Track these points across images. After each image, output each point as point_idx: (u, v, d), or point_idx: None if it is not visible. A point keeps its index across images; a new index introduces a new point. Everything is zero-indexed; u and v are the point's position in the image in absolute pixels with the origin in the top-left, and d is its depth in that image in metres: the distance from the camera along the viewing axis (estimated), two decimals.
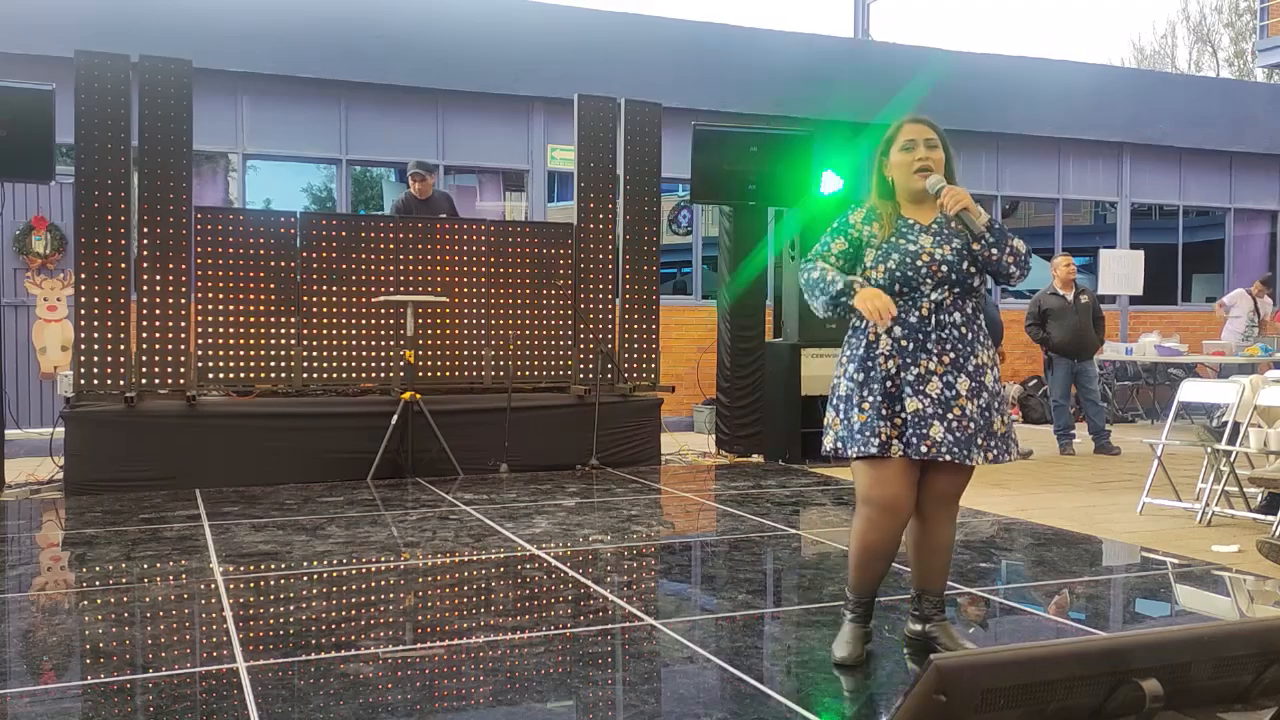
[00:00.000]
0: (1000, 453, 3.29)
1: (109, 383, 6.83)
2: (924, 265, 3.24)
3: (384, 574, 4.59)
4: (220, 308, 7.19)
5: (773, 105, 11.49)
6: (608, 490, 6.79)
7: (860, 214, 3.39)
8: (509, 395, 7.39)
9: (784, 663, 3.47)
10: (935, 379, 3.22)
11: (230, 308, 7.21)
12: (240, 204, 10.35)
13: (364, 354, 7.51)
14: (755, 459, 8.21)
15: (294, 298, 7.37)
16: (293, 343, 7.35)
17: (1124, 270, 12.31)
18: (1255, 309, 11.74)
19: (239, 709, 2.97)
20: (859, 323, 3.33)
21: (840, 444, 3.28)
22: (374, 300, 7.42)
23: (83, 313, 6.83)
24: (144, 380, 6.93)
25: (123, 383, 6.85)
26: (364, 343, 7.50)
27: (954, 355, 3.23)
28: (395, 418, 6.95)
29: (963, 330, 3.26)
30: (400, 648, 3.57)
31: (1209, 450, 5.95)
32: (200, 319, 7.16)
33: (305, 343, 7.38)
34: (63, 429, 6.69)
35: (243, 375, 7.25)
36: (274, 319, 7.31)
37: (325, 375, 7.42)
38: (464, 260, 7.78)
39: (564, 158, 10.75)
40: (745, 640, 3.69)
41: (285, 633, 3.71)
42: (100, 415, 6.73)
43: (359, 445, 7.00)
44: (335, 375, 7.44)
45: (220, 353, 7.19)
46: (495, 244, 7.89)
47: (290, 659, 3.43)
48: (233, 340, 7.21)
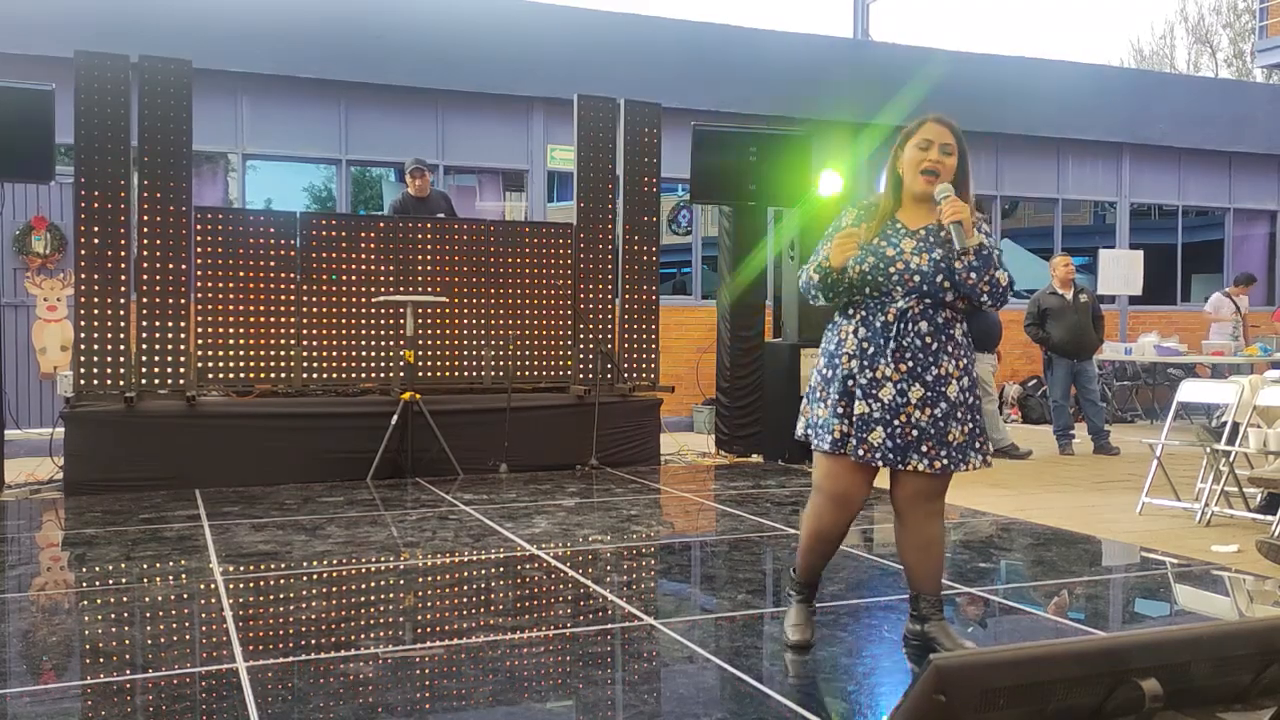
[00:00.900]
0: (954, 462, 3.32)
1: (109, 383, 6.83)
2: (896, 273, 3.26)
3: (384, 574, 4.59)
4: (220, 308, 7.19)
5: (772, 105, 11.49)
6: (607, 490, 6.79)
7: (852, 215, 3.42)
8: (509, 395, 7.39)
9: (784, 663, 3.47)
10: (889, 385, 3.26)
11: (230, 308, 7.21)
12: (240, 204, 10.34)
13: (364, 354, 7.51)
14: (755, 459, 8.21)
15: (294, 298, 7.37)
16: (292, 343, 7.35)
17: (1123, 270, 12.30)
18: (1237, 309, 11.74)
19: (238, 709, 2.97)
20: (837, 317, 3.41)
21: (810, 431, 3.43)
22: (374, 300, 7.42)
23: (82, 313, 6.83)
24: (144, 380, 6.92)
25: (122, 383, 6.85)
26: (364, 343, 7.50)
27: (912, 364, 3.26)
28: (395, 418, 6.95)
29: (927, 340, 3.27)
30: (400, 648, 3.57)
31: (1208, 450, 5.95)
32: (200, 319, 7.16)
33: (305, 343, 7.38)
34: (62, 429, 6.69)
35: (242, 375, 7.25)
36: (274, 319, 7.31)
37: (325, 375, 7.42)
38: (464, 260, 7.78)
39: (564, 158, 10.75)
40: (745, 640, 3.69)
41: (285, 633, 3.71)
42: (100, 415, 6.73)
43: (359, 445, 7.00)
44: (335, 375, 7.44)
45: (220, 353, 7.19)
46: (495, 244, 7.89)
47: (290, 659, 3.43)
48: (232, 340, 7.21)
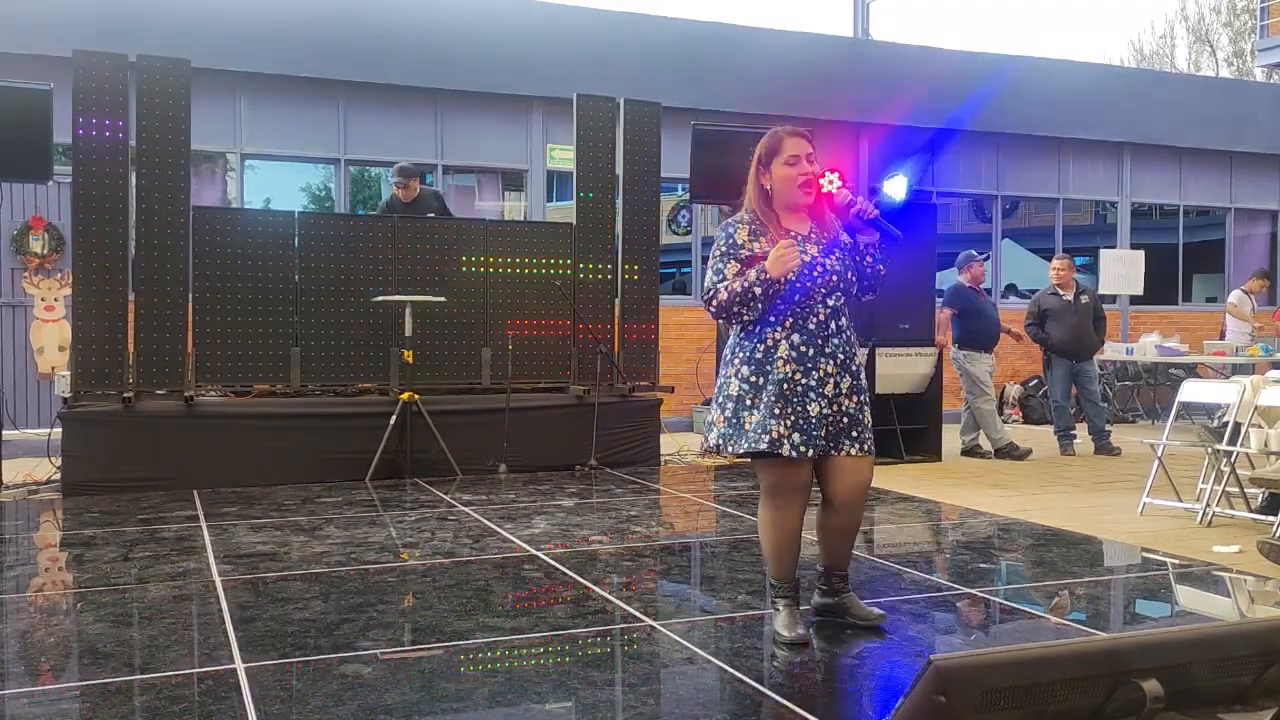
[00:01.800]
0: (867, 443, 3.57)
1: (106, 383, 6.82)
2: (819, 275, 3.47)
3: (382, 575, 4.58)
4: (218, 308, 7.18)
5: (772, 105, 11.46)
6: (607, 491, 6.78)
7: (744, 231, 3.54)
8: (508, 395, 7.38)
9: (784, 663, 3.46)
10: (831, 381, 3.48)
11: (228, 308, 7.20)
12: (239, 204, 10.33)
13: (362, 354, 7.49)
14: None
15: (292, 298, 7.36)
16: (291, 343, 7.34)
17: (1124, 270, 12.29)
18: (1253, 307, 11.73)
19: (237, 710, 2.96)
20: (753, 327, 3.49)
21: (722, 440, 3.50)
22: (372, 300, 7.41)
23: (80, 313, 6.82)
24: (141, 380, 6.91)
25: (120, 383, 6.84)
26: (362, 343, 7.49)
27: (843, 357, 3.51)
28: (394, 418, 6.94)
29: (847, 334, 3.56)
30: (399, 649, 3.56)
31: (1209, 451, 5.94)
32: (198, 319, 7.15)
33: (303, 343, 7.37)
34: (60, 429, 6.68)
35: (240, 375, 7.24)
36: (272, 319, 7.30)
37: (323, 376, 7.41)
38: (463, 260, 7.76)
39: (563, 157, 10.74)
40: (745, 641, 3.68)
41: (283, 633, 3.70)
42: (98, 416, 6.71)
43: (357, 446, 6.99)
44: (333, 375, 7.43)
45: (218, 353, 7.18)
46: (494, 244, 7.88)
47: (288, 660, 3.42)
48: (230, 340, 7.20)
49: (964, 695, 1.58)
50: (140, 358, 6.92)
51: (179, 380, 6.99)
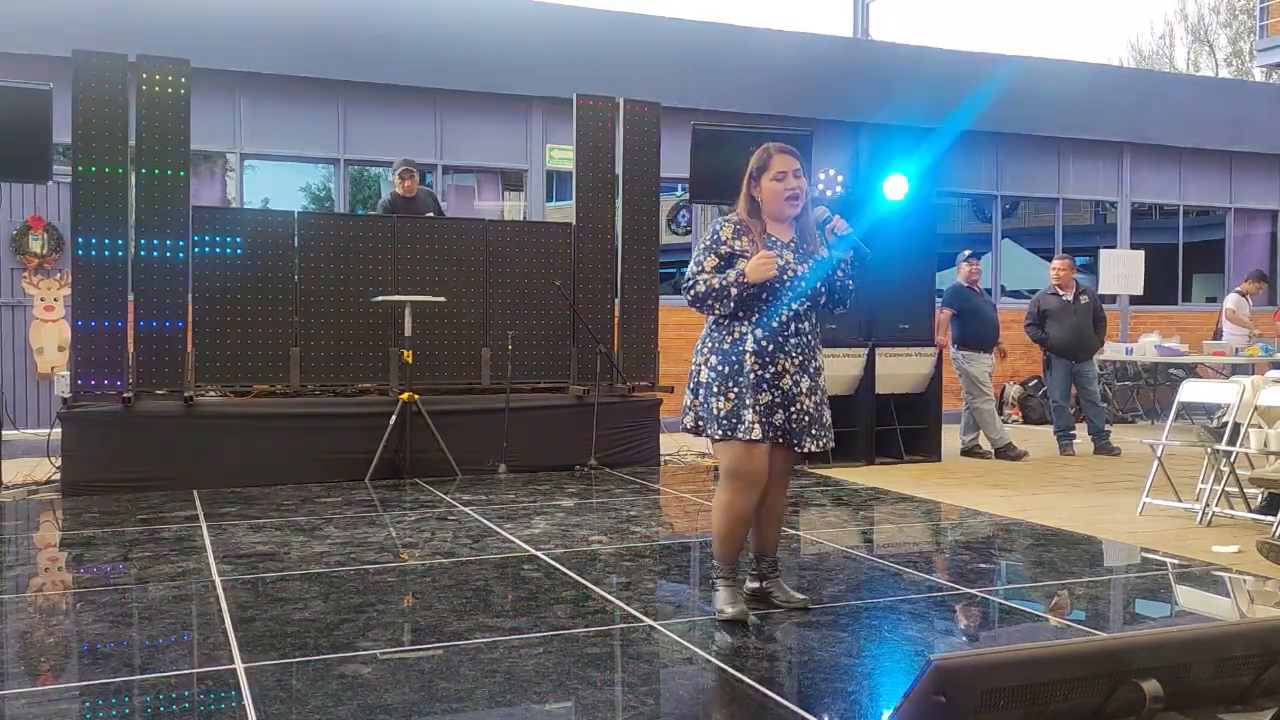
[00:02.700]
0: (826, 441, 3.88)
1: (106, 383, 6.81)
2: (789, 281, 3.76)
3: (382, 575, 4.58)
4: (218, 308, 7.18)
5: (772, 105, 11.47)
6: (607, 491, 6.78)
7: (729, 229, 3.84)
8: (508, 395, 7.38)
9: (783, 663, 3.46)
10: (787, 377, 3.77)
11: (228, 308, 7.20)
12: (238, 204, 10.33)
13: (362, 354, 7.49)
14: None
15: (291, 298, 7.36)
16: (290, 343, 7.34)
17: (1124, 270, 12.29)
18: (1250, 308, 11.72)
19: (237, 710, 2.96)
20: (724, 319, 3.80)
21: (701, 423, 3.82)
22: (372, 300, 7.41)
23: (80, 313, 6.81)
24: (141, 380, 6.91)
25: (120, 383, 6.83)
26: (362, 343, 7.49)
27: (802, 358, 3.80)
28: (393, 418, 6.94)
29: (809, 337, 3.84)
30: (398, 649, 3.56)
31: (1209, 451, 5.94)
32: (197, 319, 7.15)
33: (303, 343, 7.37)
34: (60, 429, 6.67)
35: (240, 376, 7.23)
36: (271, 319, 7.30)
37: (323, 376, 7.41)
38: (462, 260, 7.77)
39: (563, 157, 10.73)
40: (744, 641, 3.68)
41: (283, 633, 3.70)
42: (97, 416, 6.71)
43: (357, 446, 6.99)
44: (333, 376, 7.43)
45: (217, 353, 7.18)
46: (494, 244, 7.88)
47: (288, 660, 3.42)
48: (230, 340, 7.20)
49: (964, 695, 1.58)
50: (140, 358, 6.92)
51: (179, 380, 6.99)
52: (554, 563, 4.76)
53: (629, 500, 6.44)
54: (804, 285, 3.79)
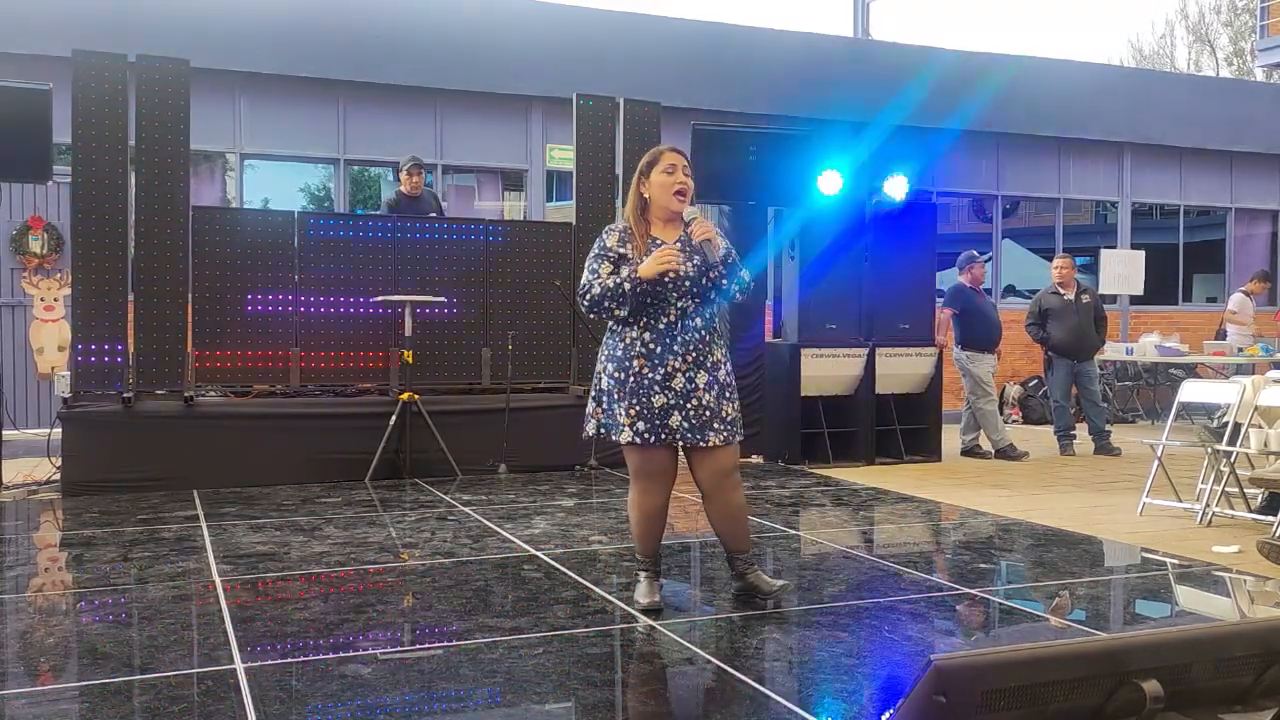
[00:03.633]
0: (730, 435, 3.90)
1: (106, 383, 6.81)
2: (671, 280, 3.80)
3: (382, 575, 4.58)
4: (217, 308, 7.18)
5: (772, 105, 11.47)
6: (607, 491, 6.77)
7: (615, 237, 3.93)
8: (508, 395, 7.37)
9: (784, 663, 3.46)
10: (680, 375, 3.82)
11: (227, 308, 7.19)
12: (238, 204, 10.33)
13: (362, 354, 7.49)
14: (755, 459, 8.19)
15: (291, 298, 7.36)
16: (291, 343, 7.34)
17: (1125, 270, 12.28)
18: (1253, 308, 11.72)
19: (237, 710, 2.96)
20: (615, 326, 3.89)
21: (604, 430, 3.90)
22: (372, 300, 7.41)
23: (80, 313, 6.81)
24: (141, 381, 6.91)
25: (120, 383, 6.83)
26: (362, 343, 7.48)
27: (695, 355, 3.85)
28: (393, 418, 6.93)
29: (702, 333, 3.88)
30: (398, 649, 3.56)
31: (1209, 451, 5.93)
32: (197, 319, 7.15)
33: (303, 343, 7.37)
34: (60, 429, 6.67)
35: (240, 376, 7.23)
36: (271, 319, 7.29)
37: (323, 376, 7.41)
38: (462, 260, 7.76)
39: (563, 157, 10.74)
40: (744, 641, 3.68)
41: (283, 633, 3.70)
42: (97, 416, 6.71)
43: (357, 446, 6.98)
44: (333, 376, 7.43)
45: (217, 353, 7.17)
46: (494, 244, 7.88)
47: (288, 660, 3.42)
48: (230, 340, 7.19)
49: (964, 695, 1.58)
50: (140, 358, 6.91)
51: (179, 380, 6.99)
52: (554, 563, 4.76)
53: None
54: (687, 284, 3.82)
